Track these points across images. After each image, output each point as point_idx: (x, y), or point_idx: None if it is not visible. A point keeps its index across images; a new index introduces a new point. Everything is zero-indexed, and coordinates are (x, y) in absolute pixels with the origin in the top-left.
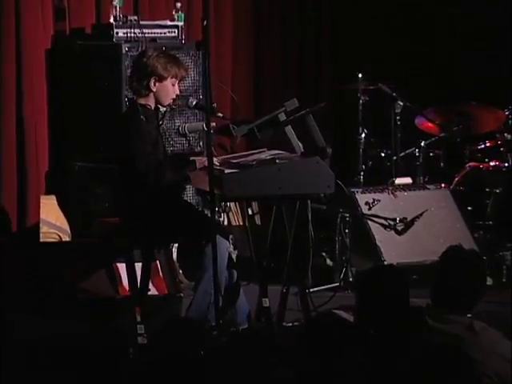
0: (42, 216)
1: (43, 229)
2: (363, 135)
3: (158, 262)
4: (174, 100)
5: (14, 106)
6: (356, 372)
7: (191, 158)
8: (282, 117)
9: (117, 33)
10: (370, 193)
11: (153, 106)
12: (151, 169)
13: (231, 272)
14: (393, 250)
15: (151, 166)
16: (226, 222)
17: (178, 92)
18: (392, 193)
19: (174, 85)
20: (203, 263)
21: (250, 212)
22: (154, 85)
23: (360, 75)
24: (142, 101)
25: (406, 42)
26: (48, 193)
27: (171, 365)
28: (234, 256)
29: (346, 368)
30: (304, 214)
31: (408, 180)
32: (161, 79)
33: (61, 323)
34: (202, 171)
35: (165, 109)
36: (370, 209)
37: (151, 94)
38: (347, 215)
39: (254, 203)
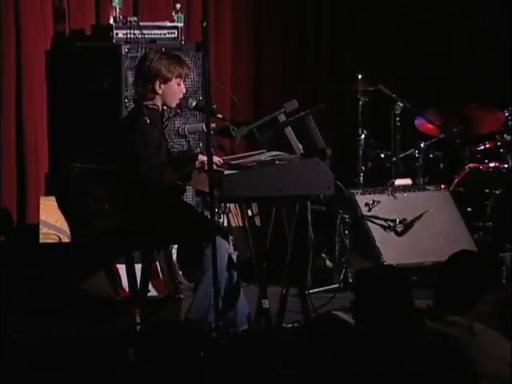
0: (42, 217)
1: (43, 230)
2: (363, 136)
3: (157, 263)
4: (180, 100)
5: (13, 107)
6: (356, 373)
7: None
8: (282, 118)
9: (116, 34)
10: (369, 194)
11: (160, 108)
12: (153, 171)
13: (231, 273)
14: (392, 251)
15: (153, 168)
16: (225, 223)
17: (184, 91)
18: (392, 194)
19: (179, 84)
20: (203, 265)
21: (249, 213)
22: (160, 87)
23: (360, 76)
24: (148, 103)
25: (407, 42)
26: (48, 194)
27: (171, 366)
28: (234, 257)
29: (345, 369)
30: (304, 215)
31: (408, 181)
32: (166, 81)
33: (61, 324)
34: (202, 173)
35: (172, 112)
36: (369, 210)
37: (158, 97)
38: (347, 216)
39: (253, 204)
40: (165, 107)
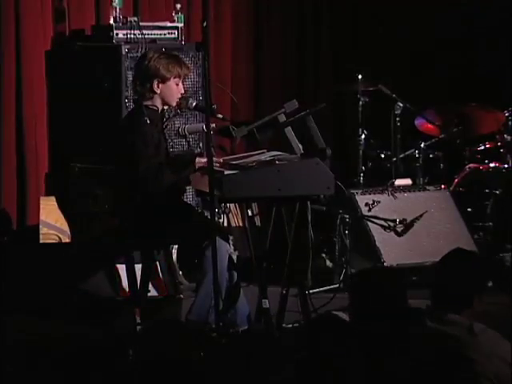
0: (42, 217)
1: (43, 230)
2: (363, 136)
3: (157, 263)
4: (179, 99)
5: (13, 108)
6: (355, 374)
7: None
8: (282, 118)
9: (117, 34)
10: (369, 194)
11: (159, 108)
12: (151, 172)
13: (231, 273)
14: (392, 251)
15: (151, 169)
16: (225, 224)
17: (182, 91)
18: (392, 194)
19: (177, 84)
20: (203, 266)
21: (249, 213)
22: (158, 86)
23: (360, 76)
24: (147, 103)
25: (406, 42)
26: (48, 194)
27: (171, 366)
28: (234, 257)
29: (345, 369)
30: (304, 215)
31: (408, 181)
32: (164, 80)
33: (61, 324)
34: (202, 173)
35: (172, 112)
36: (369, 210)
37: (156, 96)
38: (347, 216)
39: (253, 204)
40: (165, 107)
